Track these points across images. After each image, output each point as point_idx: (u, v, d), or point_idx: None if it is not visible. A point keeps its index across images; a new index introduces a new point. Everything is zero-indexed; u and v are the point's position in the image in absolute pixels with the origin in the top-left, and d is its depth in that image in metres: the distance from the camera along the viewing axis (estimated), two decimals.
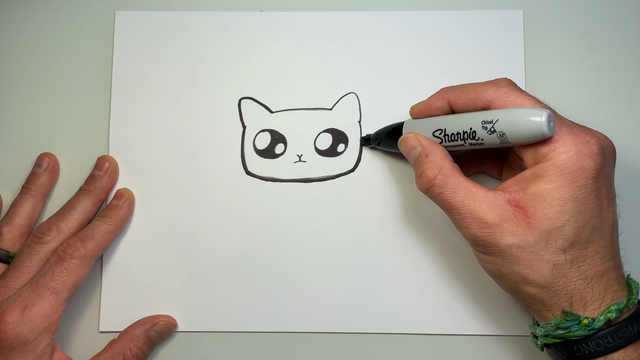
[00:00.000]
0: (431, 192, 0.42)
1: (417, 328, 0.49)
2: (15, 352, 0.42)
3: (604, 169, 0.40)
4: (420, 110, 0.45)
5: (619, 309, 0.39)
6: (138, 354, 0.47)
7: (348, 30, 0.52)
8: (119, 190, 0.50)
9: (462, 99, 0.43)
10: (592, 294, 0.39)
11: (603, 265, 0.40)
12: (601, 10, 0.52)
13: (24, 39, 0.52)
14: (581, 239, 0.39)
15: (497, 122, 0.40)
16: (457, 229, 0.42)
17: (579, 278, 0.39)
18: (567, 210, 0.39)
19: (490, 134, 0.41)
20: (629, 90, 0.51)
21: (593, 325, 0.39)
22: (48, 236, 0.46)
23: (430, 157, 0.43)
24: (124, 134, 0.51)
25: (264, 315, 0.49)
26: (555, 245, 0.39)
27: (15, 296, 0.43)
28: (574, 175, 0.39)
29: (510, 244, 0.40)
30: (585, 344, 0.39)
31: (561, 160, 0.39)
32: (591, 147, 0.40)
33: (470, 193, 0.41)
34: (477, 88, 0.42)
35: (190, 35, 0.52)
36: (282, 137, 0.51)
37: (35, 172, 0.50)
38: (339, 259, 0.49)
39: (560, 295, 0.40)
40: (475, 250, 0.43)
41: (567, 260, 0.39)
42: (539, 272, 0.40)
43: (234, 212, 0.50)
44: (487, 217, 0.40)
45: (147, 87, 0.51)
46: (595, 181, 0.39)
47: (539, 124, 0.39)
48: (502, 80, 0.43)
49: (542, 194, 0.39)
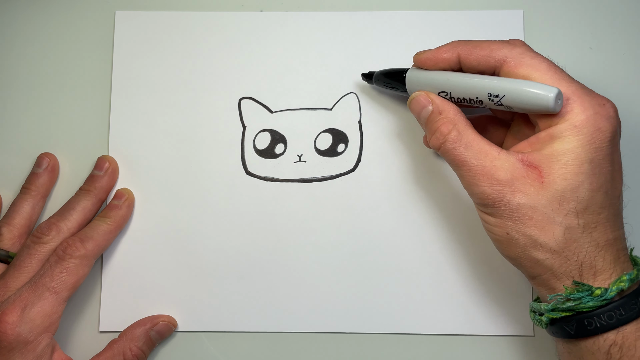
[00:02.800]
0: (444, 148, 0.41)
1: (417, 328, 0.48)
2: (15, 352, 0.42)
3: (618, 133, 0.40)
4: (427, 58, 0.44)
5: (631, 279, 0.38)
6: (138, 354, 0.47)
7: (348, 30, 0.52)
8: (118, 190, 0.50)
9: (474, 55, 0.42)
10: (603, 263, 0.38)
11: (613, 233, 0.39)
12: (601, 10, 0.52)
13: (24, 39, 0.52)
14: (594, 203, 0.38)
15: (503, 98, 0.40)
16: (467, 187, 0.41)
17: (591, 245, 0.38)
18: (583, 172, 0.38)
19: (497, 106, 0.40)
20: (629, 91, 0.51)
21: (606, 296, 0.37)
22: (48, 236, 0.46)
23: (443, 113, 0.42)
24: (124, 134, 0.51)
25: (264, 315, 0.49)
26: (568, 207, 0.38)
27: (15, 296, 0.43)
28: (592, 137, 0.38)
29: (521, 203, 0.39)
30: (596, 317, 0.38)
31: (579, 120, 0.38)
32: (608, 110, 0.39)
33: (483, 150, 0.40)
34: (492, 45, 0.41)
35: (190, 35, 0.52)
36: (282, 137, 0.51)
37: (35, 172, 0.50)
38: (338, 259, 0.49)
39: (571, 261, 0.38)
40: (482, 214, 0.41)
41: (579, 224, 0.38)
42: (550, 234, 0.38)
43: (234, 212, 0.50)
44: (499, 175, 0.39)
45: (147, 87, 0.51)
46: (610, 144, 0.39)
47: (546, 101, 0.38)
48: (517, 40, 0.42)
49: (558, 154, 0.38)
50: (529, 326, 0.48)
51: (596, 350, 0.38)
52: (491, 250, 0.48)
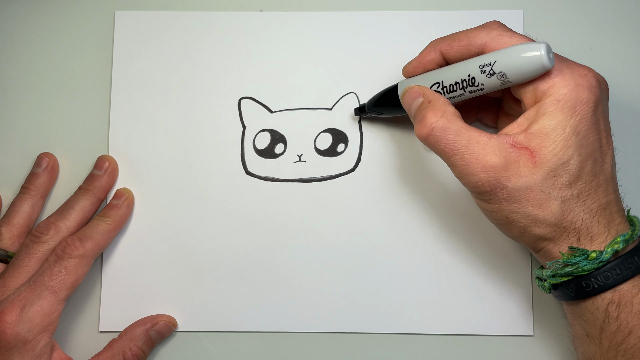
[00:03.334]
0: (433, 137, 0.41)
1: (417, 328, 0.48)
2: (14, 351, 0.42)
3: (601, 101, 0.40)
4: (414, 67, 0.44)
5: (625, 240, 0.39)
6: (138, 353, 0.47)
7: (348, 30, 0.52)
8: (118, 190, 0.49)
9: (454, 48, 0.42)
10: (598, 227, 0.39)
11: (606, 198, 0.40)
12: (601, 10, 0.52)
13: (24, 39, 0.52)
14: (585, 172, 0.39)
15: (495, 64, 0.40)
16: (461, 177, 0.41)
17: (585, 212, 0.39)
18: (571, 144, 0.39)
19: (490, 77, 0.40)
20: (629, 91, 0.51)
21: (601, 258, 0.39)
22: (47, 235, 0.46)
23: (432, 102, 0.42)
24: (123, 134, 0.51)
25: (264, 315, 0.49)
26: (561, 181, 0.39)
27: (13, 295, 0.43)
28: (575, 109, 0.39)
29: (517, 185, 0.39)
30: (593, 278, 0.39)
31: (562, 94, 0.39)
32: (589, 80, 0.40)
33: (474, 138, 0.40)
34: (469, 34, 0.42)
35: (190, 35, 0.52)
36: (282, 137, 0.51)
37: (34, 172, 0.50)
38: (338, 259, 0.49)
39: (569, 231, 0.39)
40: (479, 201, 0.41)
41: (573, 195, 0.39)
42: (548, 210, 0.39)
43: (234, 212, 0.50)
44: (492, 161, 0.39)
45: (147, 87, 0.51)
46: (594, 114, 0.39)
47: (539, 57, 0.38)
48: (492, 23, 0.42)
49: (546, 130, 0.39)
50: (529, 326, 0.48)
51: (595, 309, 0.39)
52: (491, 250, 0.48)
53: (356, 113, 0.50)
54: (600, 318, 0.39)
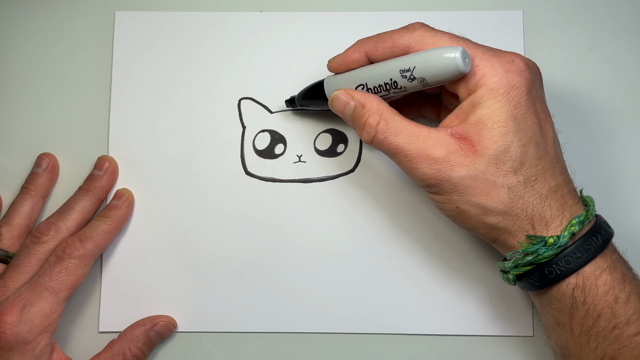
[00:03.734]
0: (377, 140, 0.42)
1: (417, 328, 0.48)
2: (14, 352, 0.42)
3: (534, 85, 0.41)
4: (338, 64, 0.45)
5: (581, 221, 0.39)
6: (138, 354, 0.47)
7: (348, 30, 0.52)
8: (118, 190, 0.49)
9: (379, 50, 0.42)
10: (551, 212, 0.39)
11: (554, 180, 0.40)
12: (601, 10, 0.52)
13: (24, 39, 0.52)
14: (528, 157, 0.40)
15: (414, 70, 0.40)
16: (407, 172, 0.42)
17: (535, 197, 0.39)
18: (510, 130, 0.39)
19: (410, 82, 0.41)
20: (629, 90, 0.51)
21: (559, 243, 0.39)
22: (47, 236, 0.46)
23: (367, 106, 0.42)
24: (124, 134, 0.51)
25: (264, 315, 0.49)
26: (505, 168, 0.39)
27: (14, 296, 0.43)
28: (508, 95, 0.39)
29: (462, 175, 0.40)
30: (555, 264, 0.39)
31: (493, 82, 0.40)
32: (517, 65, 0.40)
33: (414, 133, 0.41)
34: (393, 35, 0.42)
35: (190, 35, 0.52)
36: (282, 137, 0.51)
37: (34, 172, 0.50)
38: (338, 259, 0.49)
39: (521, 218, 0.40)
40: (429, 194, 0.42)
41: (519, 181, 0.39)
42: (496, 197, 0.39)
43: (234, 212, 0.50)
44: (434, 153, 0.40)
45: (147, 87, 0.51)
46: (529, 97, 0.40)
47: (454, 61, 0.39)
48: (416, 24, 0.43)
49: (482, 119, 0.40)
50: (529, 326, 0.48)
51: (561, 296, 0.40)
52: (491, 250, 0.48)
53: (287, 105, 0.50)
54: (567, 304, 0.39)
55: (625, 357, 0.38)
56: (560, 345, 0.41)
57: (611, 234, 0.40)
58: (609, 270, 0.39)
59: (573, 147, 0.49)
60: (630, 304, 0.38)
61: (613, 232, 0.41)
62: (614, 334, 0.38)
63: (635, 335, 0.38)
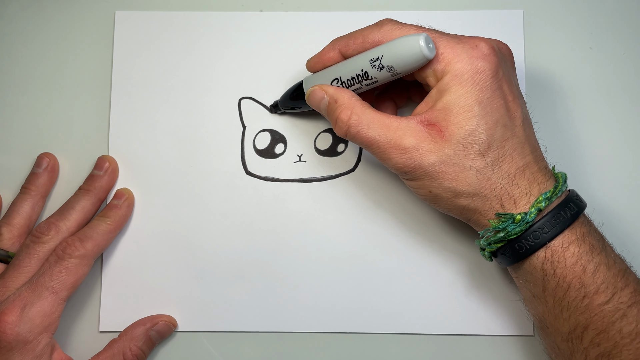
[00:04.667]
0: (350, 134, 0.43)
1: (417, 328, 0.48)
2: (15, 351, 0.42)
3: (500, 67, 0.41)
4: (315, 63, 0.46)
5: (548, 197, 0.40)
6: (138, 353, 0.47)
7: (348, 30, 0.51)
8: (118, 190, 0.50)
9: (351, 46, 0.44)
10: (519, 190, 0.41)
11: (523, 160, 0.41)
12: (601, 10, 0.52)
13: (24, 39, 0.52)
14: (495, 139, 0.41)
15: (383, 58, 0.41)
16: (382, 162, 0.43)
17: (503, 177, 0.41)
18: (475, 114, 0.40)
19: (380, 71, 0.42)
20: (629, 90, 0.51)
21: (526, 219, 0.40)
22: (47, 236, 0.46)
23: (339, 101, 0.44)
24: (124, 134, 0.51)
25: (264, 315, 0.49)
26: (472, 151, 0.41)
27: (14, 296, 0.43)
28: (472, 80, 0.41)
29: (431, 161, 0.41)
30: (524, 240, 0.40)
31: (457, 69, 0.41)
32: (481, 49, 0.41)
33: (385, 125, 0.42)
34: (364, 32, 0.44)
35: (190, 35, 0.52)
36: (282, 137, 0.51)
37: (34, 172, 0.50)
38: (339, 259, 0.49)
39: (491, 198, 0.41)
40: (405, 180, 0.44)
41: (487, 163, 0.41)
42: (465, 181, 0.41)
43: (234, 212, 0.50)
44: (404, 143, 0.41)
45: (147, 87, 0.51)
46: (494, 80, 0.41)
47: (418, 48, 0.40)
48: (385, 20, 0.44)
49: (448, 105, 0.41)
50: (529, 326, 0.48)
51: (533, 269, 0.41)
52: None
53: (271, 110, 0.51)
54: (539, 277, 0.41)
55: (597, 325, 0.39)
56: (537, 318, 0.43)
57: (582, 207, 0.41)
58: (577, 242, 0.40)
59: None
60: (599, 274, 0.40)
61: (584, 206, 0.42)
62: (585, 304, 0.39)
63: (605, 303, 0.39)
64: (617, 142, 0.50)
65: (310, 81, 0.47)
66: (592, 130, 0.50)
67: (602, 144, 0.50)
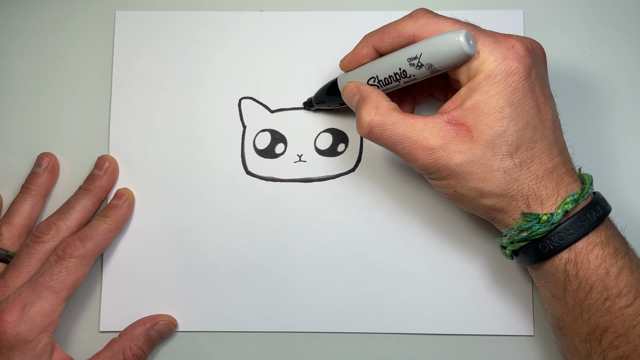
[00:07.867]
0: (373, 134, 0.43)
1: (417, 328, 0.48)
2: (15, 351, 0.42)
3: (534, 69, 0.41)
4: (349, 62, 0.46)
5: (575, 200, 0.40)
6: (138, 353, 0.47)
7: (348, 30, 0.52)
8: (119, 190, 0.50)
9: (385, 41, 0.43)
10: (546, 191, 0.40)
11: (551, 162, 0.41)
12: (601, 10, 0.52)
13: (24, 39, 0.52)
14: (524, 140, 0.40)
15: (421, 57, 0.41)
16: (408, 163, 0.43)
17: (530, 178, 0.40)
18: (506, 116, 0.40)
19: (419, 69, 0.42)
20: (628, 90, 0.51)
21: (552, 220, 0.40)
22: (47, 235, 0.46)
23: (366, 100, 0.43)
24: (124, 134, 0.51)
25: (264, 315, 0.49)
26: (501, 152, 0.40)
27: (14, 295, 0.43)
28: (505, 81, 0.40)
29: (459, 162, 0.41)
30: (548, 240, 0.40)
31: (491, 69, 0.40)
32: (517, 50, 0.40)
33: (410, 125, 0.42)
34: (397, 26, 0.43)
35: (190, 35, 0.52)
36: (282, 136, 0.51)
37: (35, 172, 0.50)
38: (339, 259, 0.49)
39: (517, 199, 0.41)
40: (430, 179, 0.43)
41: (515, 164, 0.40)
42: (492, 182, 0.41)
43: (234, 212, 0.50)
44: (431, 143, 0.41)
45: (147, 87, 0.51)
46: (527, 82, 0.40)
47: (459, 45, 0.39)
48: (418, 11, 0.43)
49: (479, 105, 0.40)
50: (529, 326, 0.48)
51: (555, 270, 0.41)
52: (491, 250, 0.49)
53: (305, 107, 0.51)
54: (561, 278, 0.40)
55: (617, 328, 0.39)
56: (555, 318, 0.42)
57: (607, 210, 0.41)
58: (601, 245, 0.40)
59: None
60: (622, 277, 0.39)
61: (609, 209, 0.42)
62: (606, 306, 0.39)
63: (627, 306, 0.39)
64: (617, 142, 0.50)
65: (344, 79, 0.46)
66: (591, 130, 0.50)
67: (602, 144, 0.50)
